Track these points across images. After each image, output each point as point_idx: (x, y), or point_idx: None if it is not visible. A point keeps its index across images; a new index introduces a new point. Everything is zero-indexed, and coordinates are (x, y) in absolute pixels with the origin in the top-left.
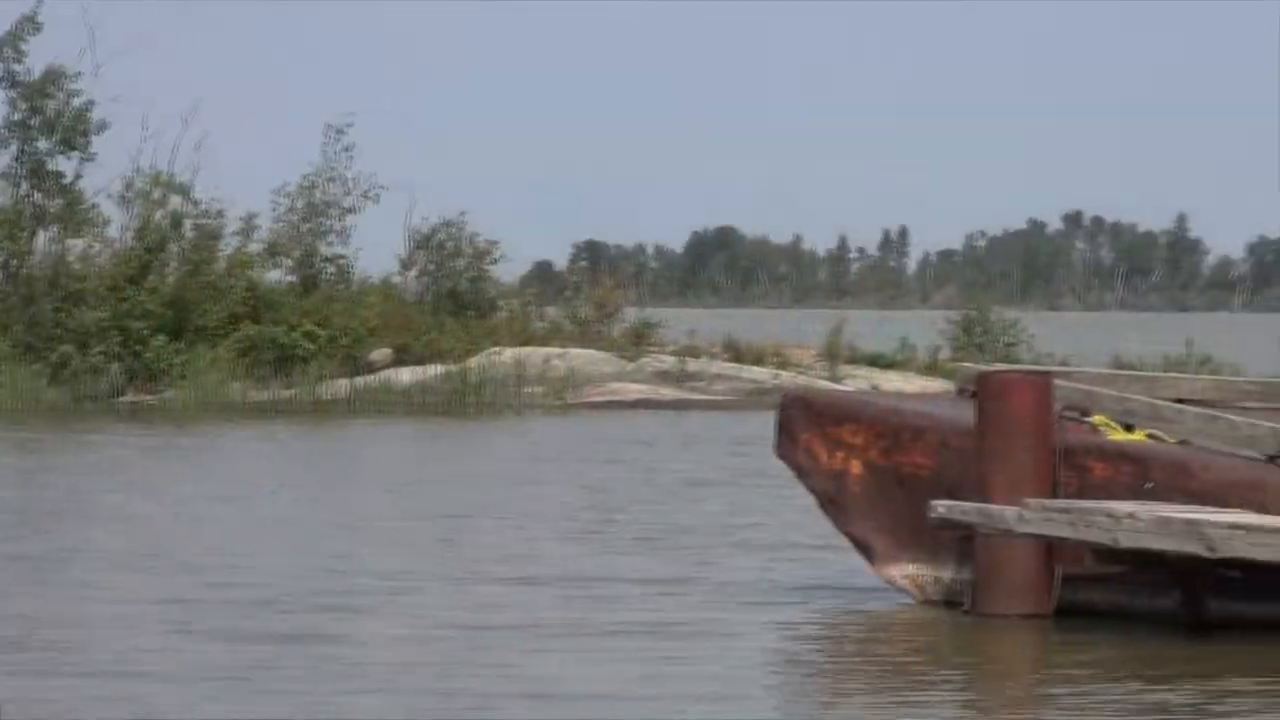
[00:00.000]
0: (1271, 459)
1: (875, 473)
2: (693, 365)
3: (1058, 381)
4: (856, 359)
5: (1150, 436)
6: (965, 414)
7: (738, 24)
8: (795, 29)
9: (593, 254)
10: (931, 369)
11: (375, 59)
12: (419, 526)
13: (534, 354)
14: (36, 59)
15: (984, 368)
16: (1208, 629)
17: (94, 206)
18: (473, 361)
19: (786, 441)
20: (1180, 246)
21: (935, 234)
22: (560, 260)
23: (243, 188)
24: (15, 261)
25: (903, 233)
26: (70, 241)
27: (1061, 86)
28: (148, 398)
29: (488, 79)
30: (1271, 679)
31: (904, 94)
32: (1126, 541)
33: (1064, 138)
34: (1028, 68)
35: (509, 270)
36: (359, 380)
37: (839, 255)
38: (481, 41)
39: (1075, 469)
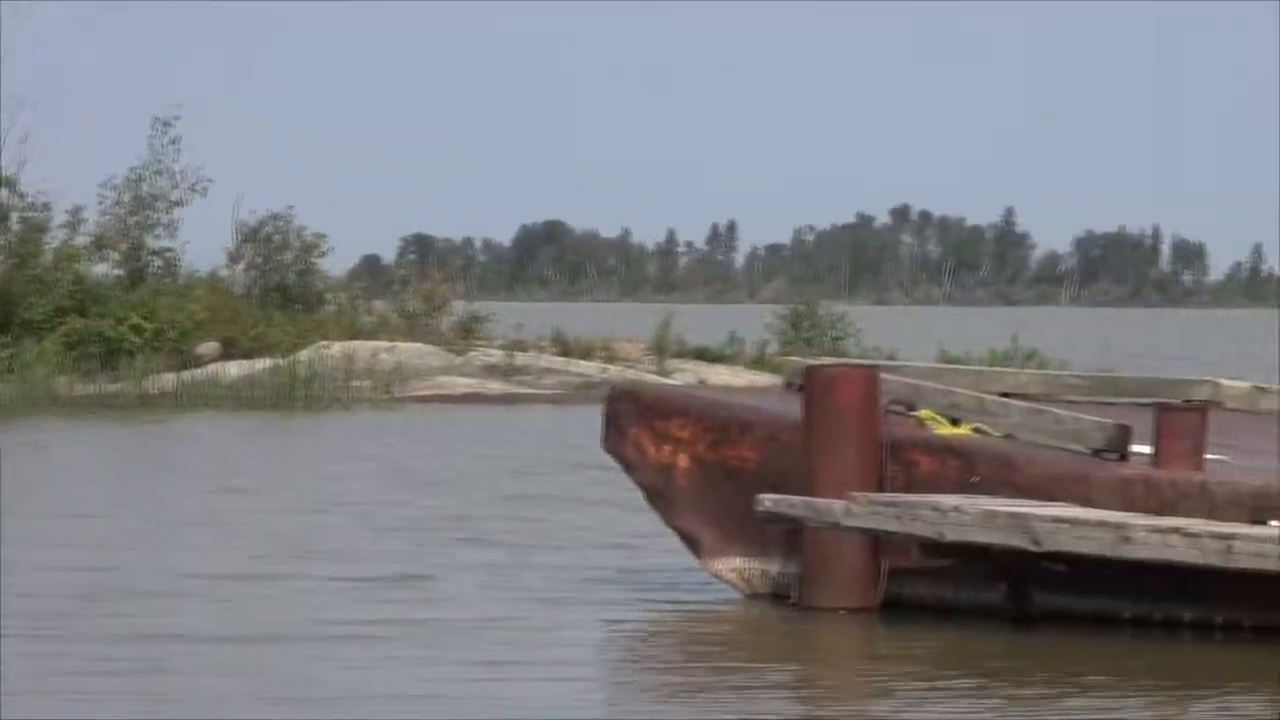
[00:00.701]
0: (1097, 453)
1: (703, 467)
2: (521, 359)
3: (884, 376)
4: (684, 353)
5: (976, 431)
6: (792, 408)
7: (564, 19)
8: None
9: (421, 248)
10: (759, 363)
11: (203, 52)
12: (238, 521)
13: (362, 348)
14: None
15: (811, 362)
16: (1033, 622)
17: None
18: (301, 355)
19: (614, 435)
20: (1007, 241)
21: (763, 228)
22: (388, 254)
23: (70, 181)
24: None
25: (731, 227)
26: None
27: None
28: None
29: (319, 74)
30: (1095, 672)
31: (732, 88)
32: (952, 535)
33: (891, 132)
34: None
35: (337, 264)
36: (186, 374)
37: (667, 249)
38: (309, 36)
39: (902, 463)
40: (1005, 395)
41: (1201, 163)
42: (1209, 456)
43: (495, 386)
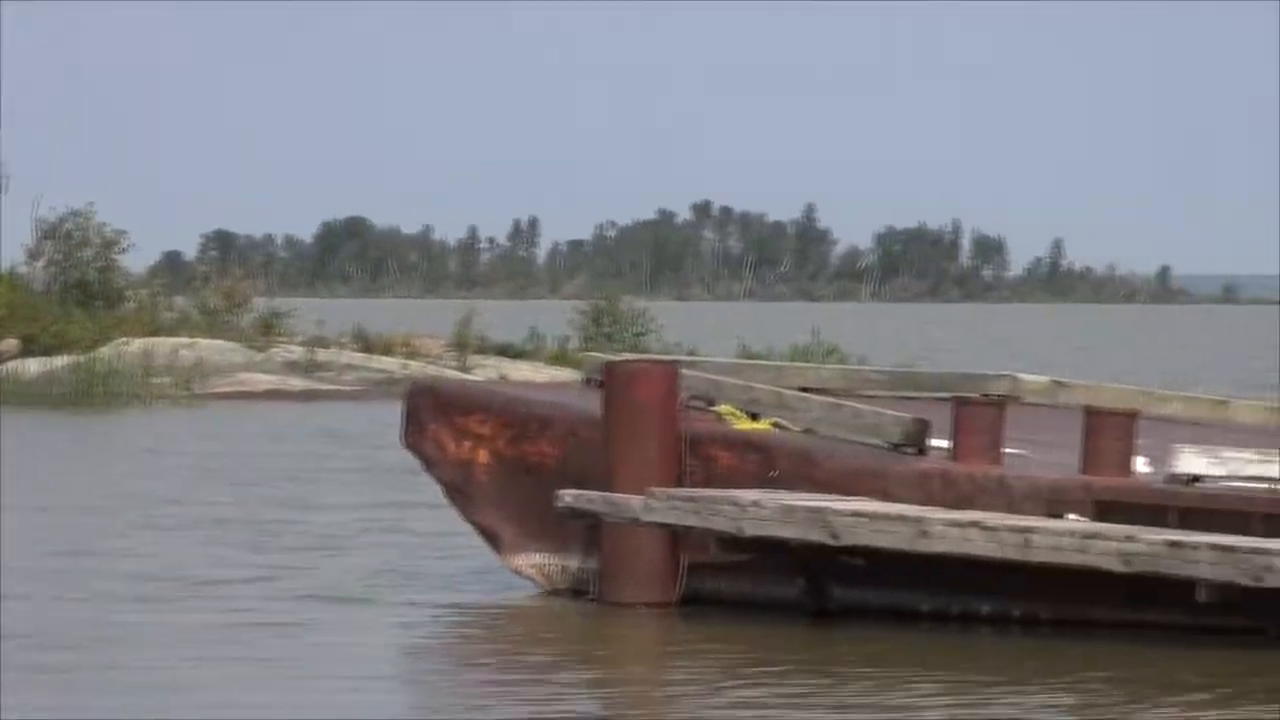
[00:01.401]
0: (895, 447)
1: (502, 462)
2: (322, 355)
3: (684, 371)
4: (486, 349)
5: (775, 425)
6: (592, 404)
7: (370, 14)
8: (422, 17)
9: (222, 244)
10: (560, 359)
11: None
12: (21, 520)
13: (162, 344)
14: None
15: (611, 358)
16: (831, 617)
17: None
18: (101, 352)
19: (414, 431)
20: (808, 237)
21: (565, 224)
22: (189, 250)
23: None
24: None
25: (533, 223)
26: None
27: (689, 75)
28: None
29: (118, 70)
30: (893, 665)
31: (535, 81)
32: (752, 530)
33: (692, 128)
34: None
35: (138, 261)
36: None
37: (469, 245)
38: (106, 31)
39: (701, 458)
40: (805, 390)
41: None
42: (1007, 451)
43: (296, 383)
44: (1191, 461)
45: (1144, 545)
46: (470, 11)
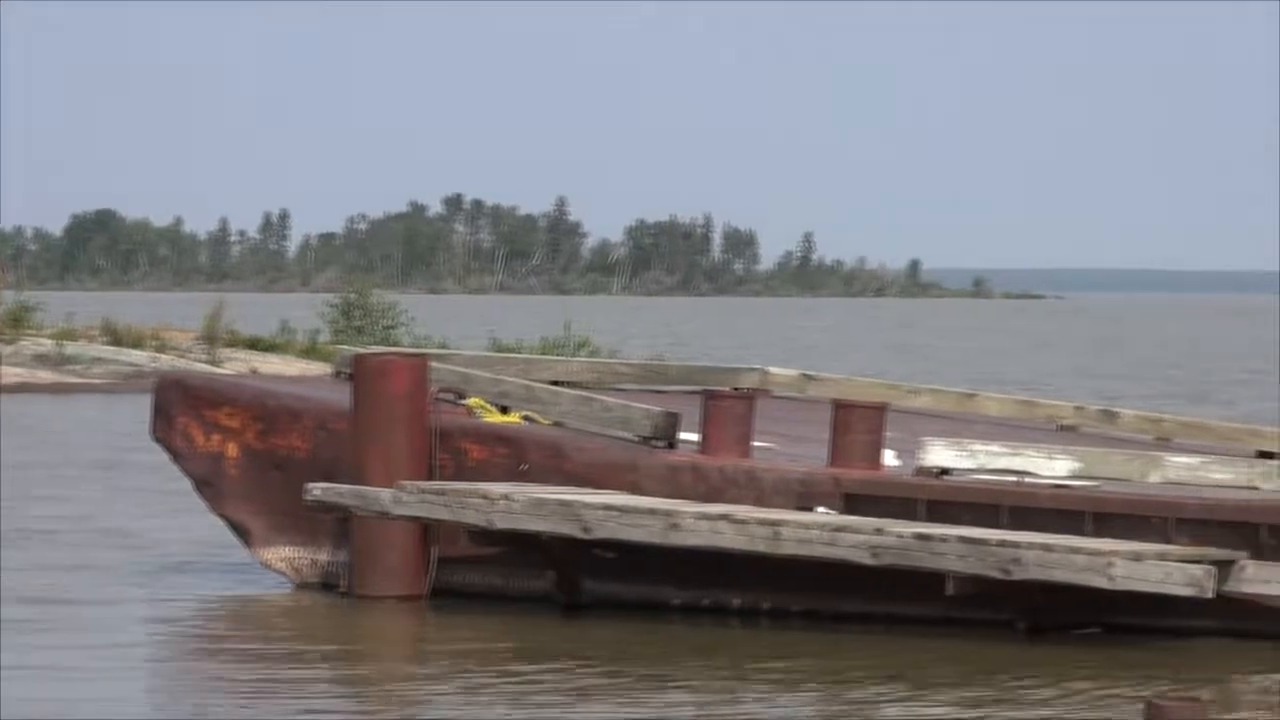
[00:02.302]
0: (646, 440)
1: (252, 456)
2: (71, 349)
3: (434, 364)
4: (236, 342)
5: (526, 418)
6: (342, 397)
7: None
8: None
9: None
10: (311, 352)
11: None
12: None
13: None
14: None
15: (360, 350)
16: (582, 610)
17: None
18: None
19: (163, 424)
20: (560, 230)
21: (316, 217)
22: None
23: None
24: None
25: (284, 216)
26: None
27: (440, 68)
28: None
29: None
30: (641, 658)
31: (286, 74)
32: (502, 523)
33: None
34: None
35: None
36: None
37: (220, 238)
38: None
39: (451, 451)
40: (555, 383)
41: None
42: (757, 444)
43: (45, 376)
44: (940, 454)
45: (893, 538)
46: (241, 7)
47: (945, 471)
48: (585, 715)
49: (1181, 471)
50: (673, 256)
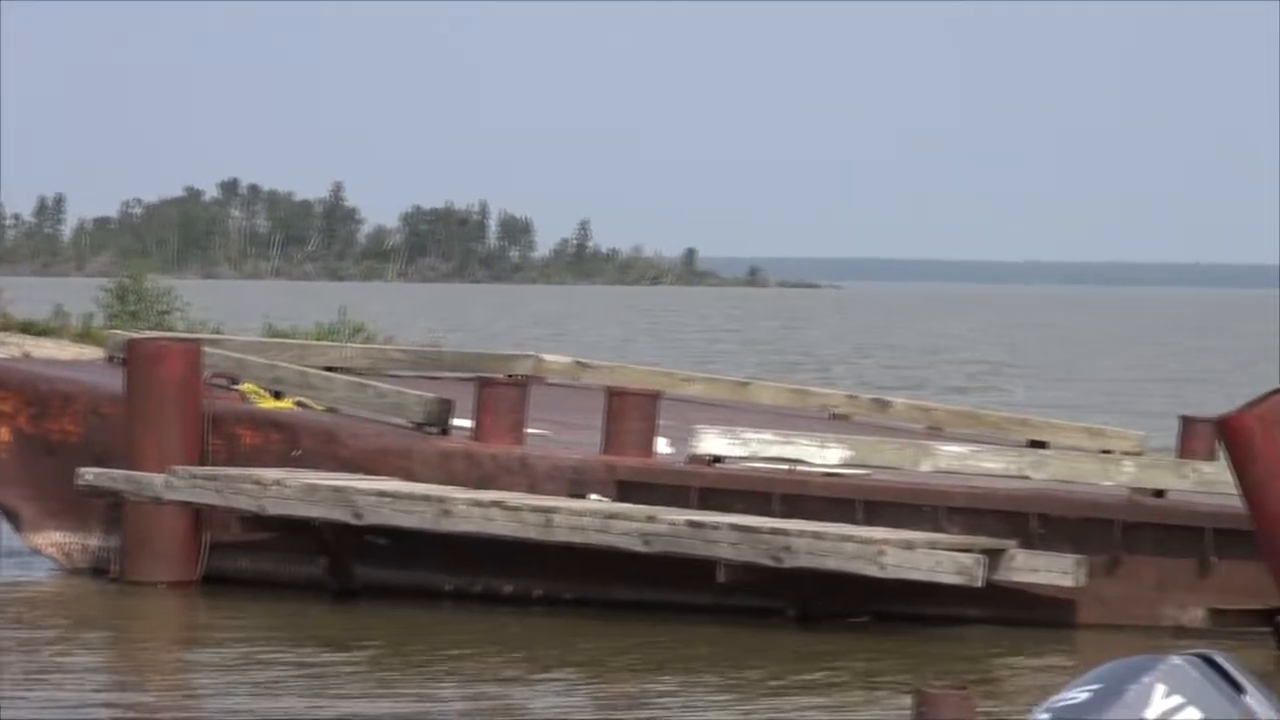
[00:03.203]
0: (419, 426)
1: (24, 440)
2: None
3: (208, 349)
4: (10, 326)
5: (299, 404)
6: (116, 381)
7: None
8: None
9: None
10: (86, 336)
11: None
12: None
13: None
14: None
15: (133, 335)
16: (355, 596)
17: None
18: None
19: None
20: (336, 215)
21: (92, 201)
22: None
23: None
24: None
25: (59, 200)
26: None
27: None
28: None
29: None
30: (416, 642)
31: (58, 62)
32: (274, 509)
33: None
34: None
35: None
36: None
37: None
38: None
39: (224, 436)
40: (330, 369)
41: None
42: (530, 430)
43: None
44: (712, 442)
45: (665, 525)
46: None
47: (718, 459)
48: (351, 703)
49: (952, 460)
50: (448, 243)
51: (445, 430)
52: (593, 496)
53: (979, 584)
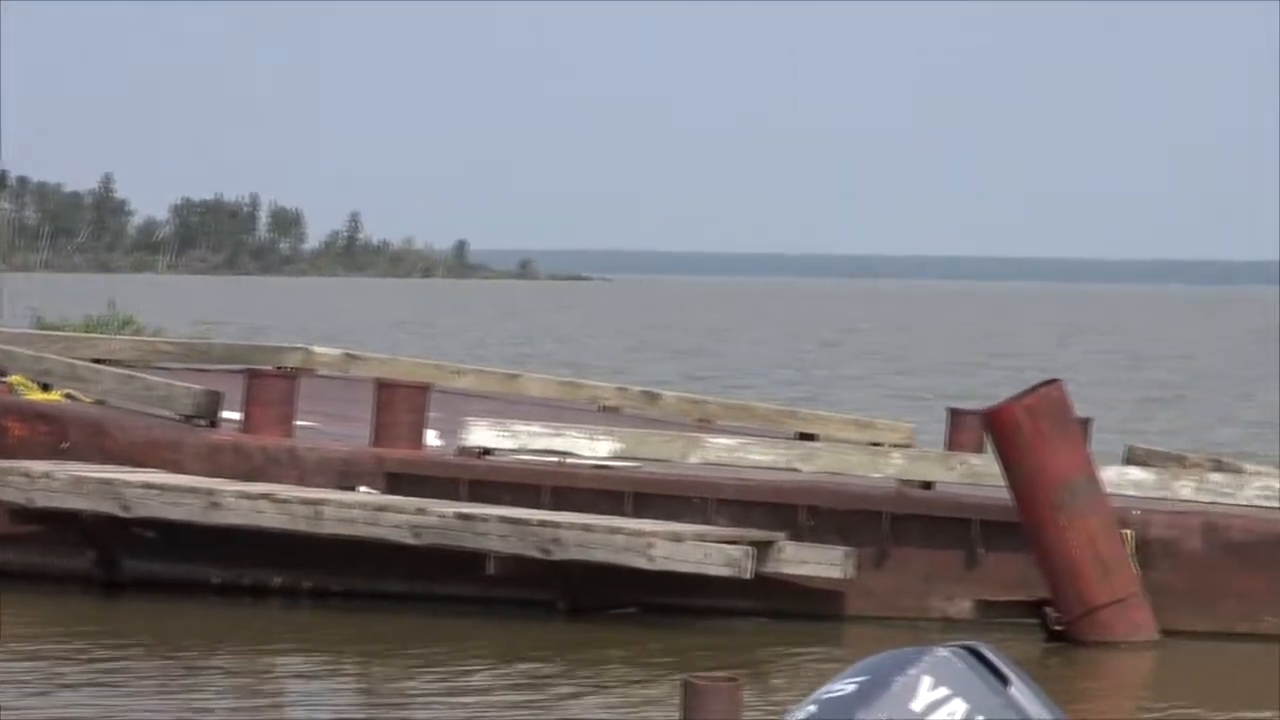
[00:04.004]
0: (188, 419)
1: None
2: None
3: None
4: None
5: (68, 396)
6: None
7: None
8: None
9: None
10: None
11: None
12: None
13: None
14: None
15: None
16: (123, 589)
17: None
18: None
19: None
20: (106, 207)
21: None
22: None
23: None
24: None
25: None
26: None
27: None
28: None
29: None
30: (185, 635)
31: None
32: (42, 501)
33: None
34: None
35: None
36: None
37: None
38: None
39: None
40: (98, 361)
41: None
42: (300, 423)
43: None
44: (482, 434)
45: (435, 518)
46: None
47: (487, 451)
48: (115, 700)
49: (721, 453)
50: (219, 235)
51: (214, 423)
52: (362, 489)
53: (748, 576)
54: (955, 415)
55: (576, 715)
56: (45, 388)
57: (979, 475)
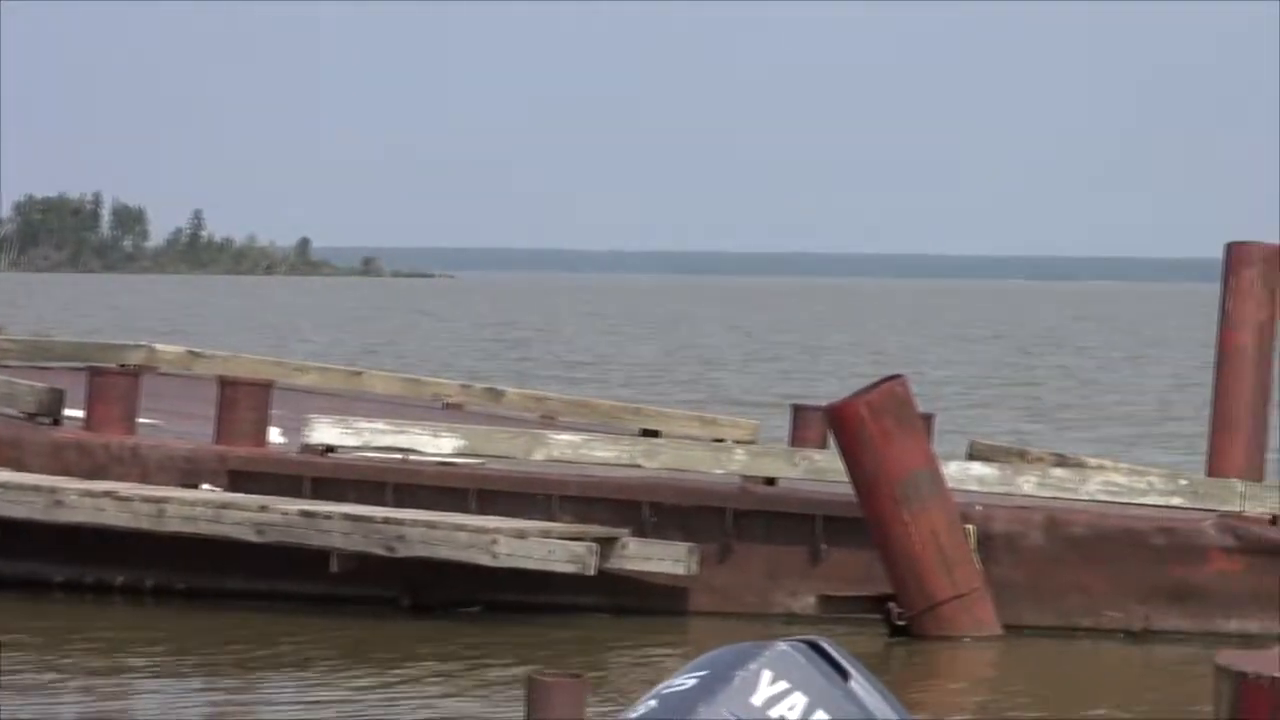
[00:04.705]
0: (30, 417)
1: None
2: None
3: None
4: None
5: None
6: None
7: None
8: None
9: None
10: None
11: None
12: None
13: None
14: None
15: None
16: None
17: None
18: None
19: None
20: None
21: None
22: None
23: None
24: None
25: None
26: None
27: None
28: None
29: None
30: (24, 632)
31: None
32: None
33: None
34: None
35: None
36: None
37: None
38: None
39: None
40: None
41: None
42: (143, 420)
43: None
44: (325, 432)
45: (278, 515)
46: None
47: (330, 449)
48: None
49: (565, 449)
50: (62, 233)
51: (57, 420)
52: (205, 486)
53: (592, 572)
54: (798, 411)
55: (420, 713)
56: None
57: (822, 471)
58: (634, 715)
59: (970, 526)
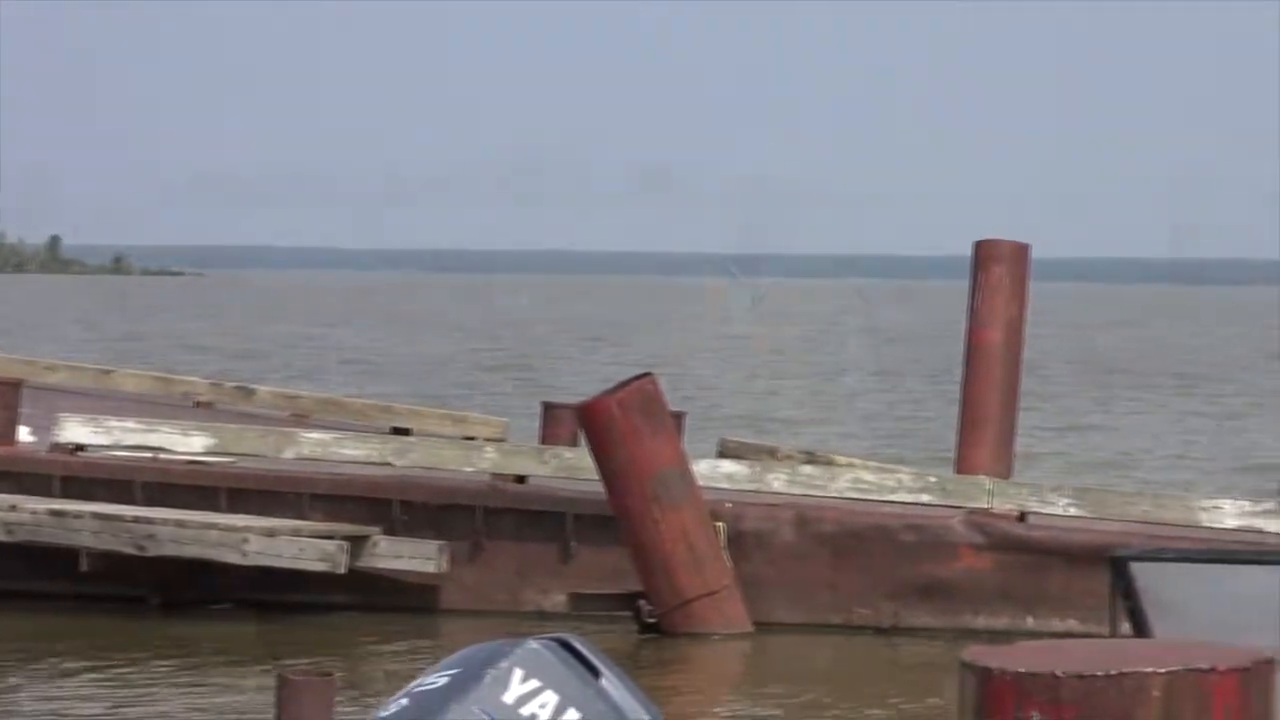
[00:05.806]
0: None
1: None
2: None
3: None
4: None
5: None
6: None
7: None
8: None
9: None
10: None
11: None
12: None
13: None
14: None
15: None
16: None
17: None
18: None
19: None
20: None
21: None
22: None
23: None
24: None
25: None
26: None
27: None
28: None
29: None
30: None
31: None
32: None
33: None
34: None
35: None
36: None
37: None
38: None
39: None
40: None
41: None
42: None
43: None
44: (75, 430)
45: (27, 514)
46: None
47: (80, 448)
48: None
49: (315, 448)
50: None
51: None
52: None
53: (342, 570)
54: (549, 409)
55: (170, 711)
56: None
57: (573, 469)
58: (386, 714)
59: (720, 524)
